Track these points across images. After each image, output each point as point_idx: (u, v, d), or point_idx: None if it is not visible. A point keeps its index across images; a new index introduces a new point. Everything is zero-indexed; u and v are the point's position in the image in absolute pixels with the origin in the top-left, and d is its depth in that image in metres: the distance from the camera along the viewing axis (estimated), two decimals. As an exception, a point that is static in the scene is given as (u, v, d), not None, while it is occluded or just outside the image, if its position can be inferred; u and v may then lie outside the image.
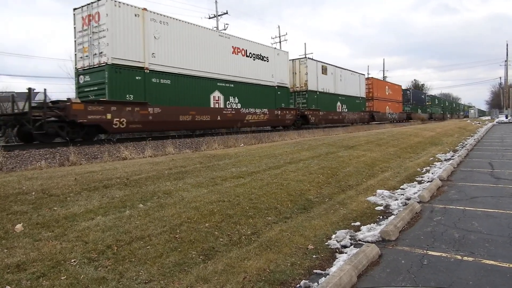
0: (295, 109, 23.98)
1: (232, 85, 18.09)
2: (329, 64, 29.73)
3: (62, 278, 3.34)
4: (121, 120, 12.90)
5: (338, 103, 30.48)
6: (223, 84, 17.58)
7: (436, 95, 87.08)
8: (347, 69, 32.96)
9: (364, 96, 36.28)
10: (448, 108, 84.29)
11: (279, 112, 21.88)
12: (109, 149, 10.19)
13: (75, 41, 13.79)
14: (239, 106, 18.57)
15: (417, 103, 55.82)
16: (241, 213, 5.47)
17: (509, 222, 5.61)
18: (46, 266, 3.49)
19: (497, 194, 7.52)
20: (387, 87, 43.23)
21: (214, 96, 17.06)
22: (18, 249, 3.74)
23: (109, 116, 12.48)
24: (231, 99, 18.10)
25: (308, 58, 26.73)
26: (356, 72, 34.94)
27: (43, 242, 3.94)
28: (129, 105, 13.17)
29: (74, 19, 13.75)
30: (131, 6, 13.49)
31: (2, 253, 3.64)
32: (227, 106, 17.81)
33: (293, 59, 26.44)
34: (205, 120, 16.39)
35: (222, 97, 17.51)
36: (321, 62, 28.23)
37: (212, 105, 16.91)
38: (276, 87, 21.77)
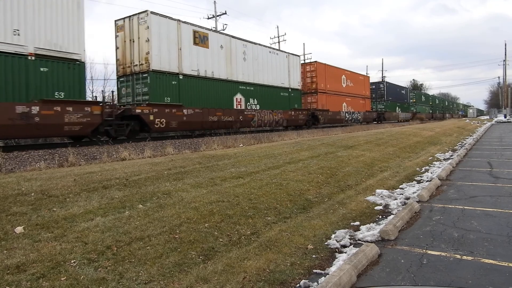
0: (97, 103, 12.38)
1: None
2: (216, 31, 19.02)
3: (62, 279, 3.34)
4: None
5: (238, 96, 19.34)
6: None
7: (425, 92, 78.97)
8: (263, 45, 21.81)
9: (299, 88, 25.30)
10: (438, 106, 74.63)
11: (43, 109, 10.56)
12: (108, 149, 10.19)
13: None
14: None
15: (394, 100, 45.82)
16: (241, 213, 5.47)
17: (508, 221, 5.62)
18: (46, 267, 3.48)
19: (496, 193, 7.54)
20: (344, 77, 32.20)
21: None
22: (18, 250, 3.74)
23: None
24: None
25: (152, 12, 14.80)
26: (283, 51, 23.99)
27: (43, 243, 3.94)
28: None
29: None
30: None
31: (2, 254, 3.64)
32: None
33: (129, 16, 15.21)
34: None
35: None
36: (193, 24, 16.90)
37: None
38: (34, 58, 10.59)
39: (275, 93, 22.87)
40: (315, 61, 29.13)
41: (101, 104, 12.57)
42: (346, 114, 32.77)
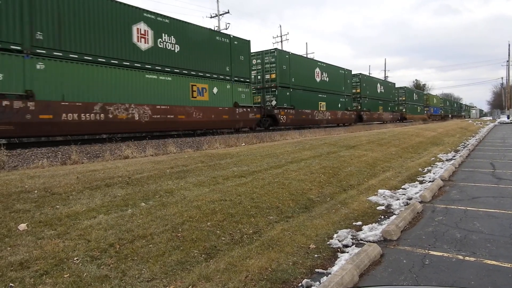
0: None
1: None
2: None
3: (65, 276, 3.35)
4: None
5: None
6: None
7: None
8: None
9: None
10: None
11: None
12: (110, 148, 10.22)
13: None
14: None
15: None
16: (243, 212, 5.48)
17: (510, 222, 5.60)
18: (49, 264, 3.50)
19: (498, 194, 7.52)
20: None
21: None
22: (21, 247, 3.75)
23: None
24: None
25: None
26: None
27: (46, 240, 3.95)
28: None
29: None
30: None
31: (6, 251, 3.65)
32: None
33: None
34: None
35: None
36: None
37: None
38: None
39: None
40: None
41: None
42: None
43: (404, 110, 47.77)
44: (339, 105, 30.84)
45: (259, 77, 23.64)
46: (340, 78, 31.18)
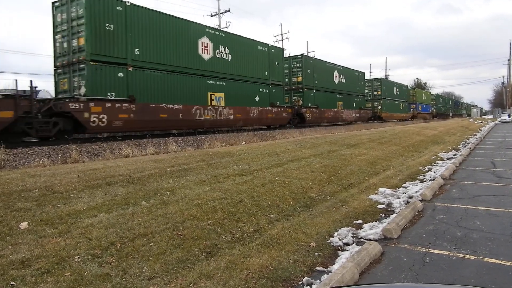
0: None
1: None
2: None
3: (66, 274, 3.36)
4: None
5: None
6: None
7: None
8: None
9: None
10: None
11: None
12: (111, 146, 10.24)
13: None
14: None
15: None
16: (244, 211, 5.48)
17: (511, 221, 5.60)
18: (51, 263, 3.51)
19: (499, 193, 7.52)
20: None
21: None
22: (23, 246, 3.76)
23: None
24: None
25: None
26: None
27: (47, 238, 3.96)
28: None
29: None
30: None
31: (7, 250, 3.66)
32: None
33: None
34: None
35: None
36: None
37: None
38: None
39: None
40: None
41: None
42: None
43: (379, 107, 39.18)
44: (257, 99, 20.61)
45: (65, 45, 13.13)
46: (259, 58, 20.72)
